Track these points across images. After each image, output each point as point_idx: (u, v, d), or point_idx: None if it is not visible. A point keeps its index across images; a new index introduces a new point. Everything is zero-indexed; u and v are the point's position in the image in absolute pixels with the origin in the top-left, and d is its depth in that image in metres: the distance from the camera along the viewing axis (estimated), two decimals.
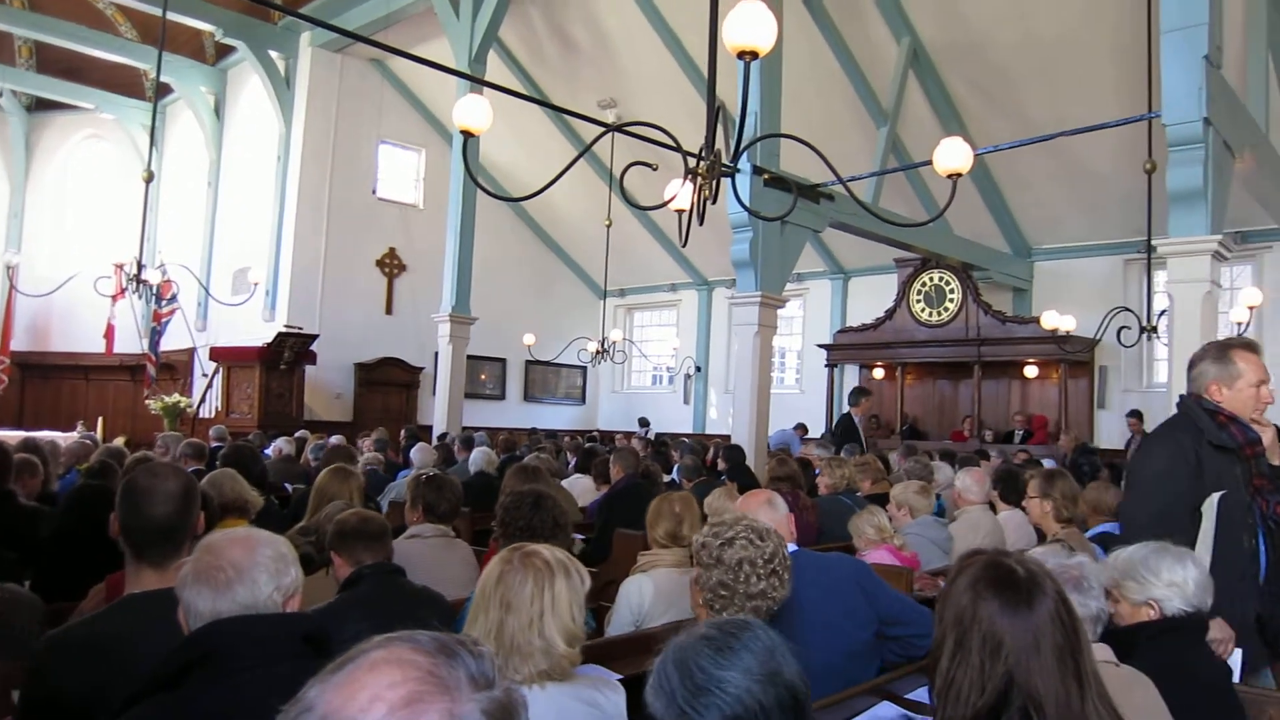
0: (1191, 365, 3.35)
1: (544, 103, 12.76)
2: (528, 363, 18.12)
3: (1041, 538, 4.66)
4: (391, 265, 16.70)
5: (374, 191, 16.56)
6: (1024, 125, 11.79)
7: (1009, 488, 5.42)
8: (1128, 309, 9.37)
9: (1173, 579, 2.42)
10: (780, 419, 13.26)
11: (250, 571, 1.88)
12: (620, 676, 2.47)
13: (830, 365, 15.40)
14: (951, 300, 13.89)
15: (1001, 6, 11.07)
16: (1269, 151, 8.59)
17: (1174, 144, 6.49)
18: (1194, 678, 2.20)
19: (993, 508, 5.47)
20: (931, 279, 14.12)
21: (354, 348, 15.86)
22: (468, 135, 4.36)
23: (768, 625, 1.58)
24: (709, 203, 4.22)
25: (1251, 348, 3.21)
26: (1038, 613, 1.62)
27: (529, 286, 18.64)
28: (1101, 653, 2.15)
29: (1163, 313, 7.33)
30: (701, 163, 4.15)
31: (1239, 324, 9.49)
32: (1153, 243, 7.00)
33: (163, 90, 16.16)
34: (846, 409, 12.93)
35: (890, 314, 14.59)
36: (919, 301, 14.26)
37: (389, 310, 16.62)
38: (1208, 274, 6.37)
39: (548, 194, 4.75)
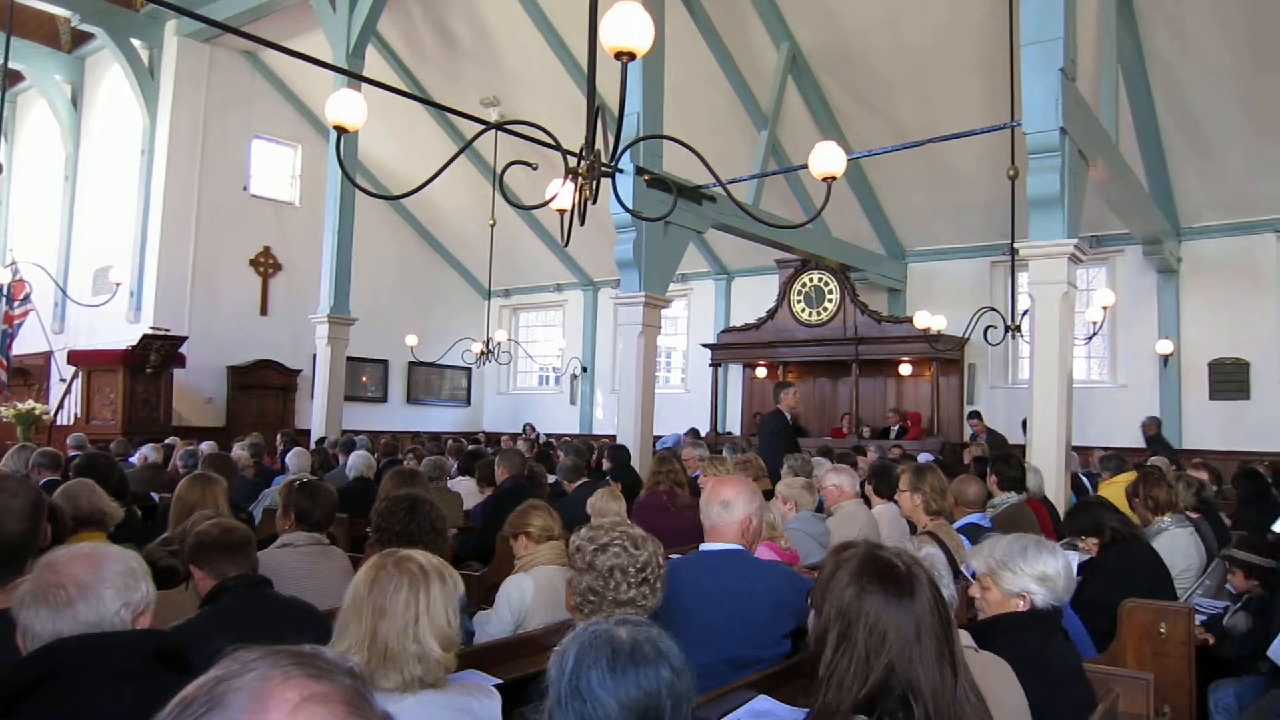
0: None
1: (425, 100, 12.52)
2: (411, 364, 17.75)
3: (914, 530, 4.82)
4: (266, 264, 16.09)
5: (246, 188, 15.92)
6: (897, 131, 12.22)
7: (882, 482, 5.59)
8: (994, 309, 9.81)
9: (1046, 573, 2.52)
10: (666, 419, 13.36)
11: (95, 588, 1.76)
12: (499, 681, 2.43)
13: (714, 365, 15.61)
14: (830, 300, 14.28)
15: (875, 15, 11.44)
16: (1119, 160, 9.14)
17: (1033, 152, 6.83)
18: (1048, 666, 2.30)
19: (868, 502, 5.63)
20: (811, 280, 14.49)
21: (227, 350, 15.21)
22: (342, 131, 4.21)
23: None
24: (590, 203, 4.20)
25: None
26: (918, 603, 1.67)
27: (411, 287, 18.26)
28: (963, 639, 2.23)
29: (1025, 312, 7.69)
30: (582, 162, 4.13)
31: (1094, 323, 10.05)
32: (1015, 246, 7.35)
33: (13, 78, 15.12)
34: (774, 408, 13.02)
35: (772, 314, 14.90)
36: (799, 302, 14.60)
37: (264, 311, 16.01)
38: (1065, 276, 6.73)
39: (430, 193, 4.65)
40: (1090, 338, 10.67)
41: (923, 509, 4.48)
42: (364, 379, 17.61)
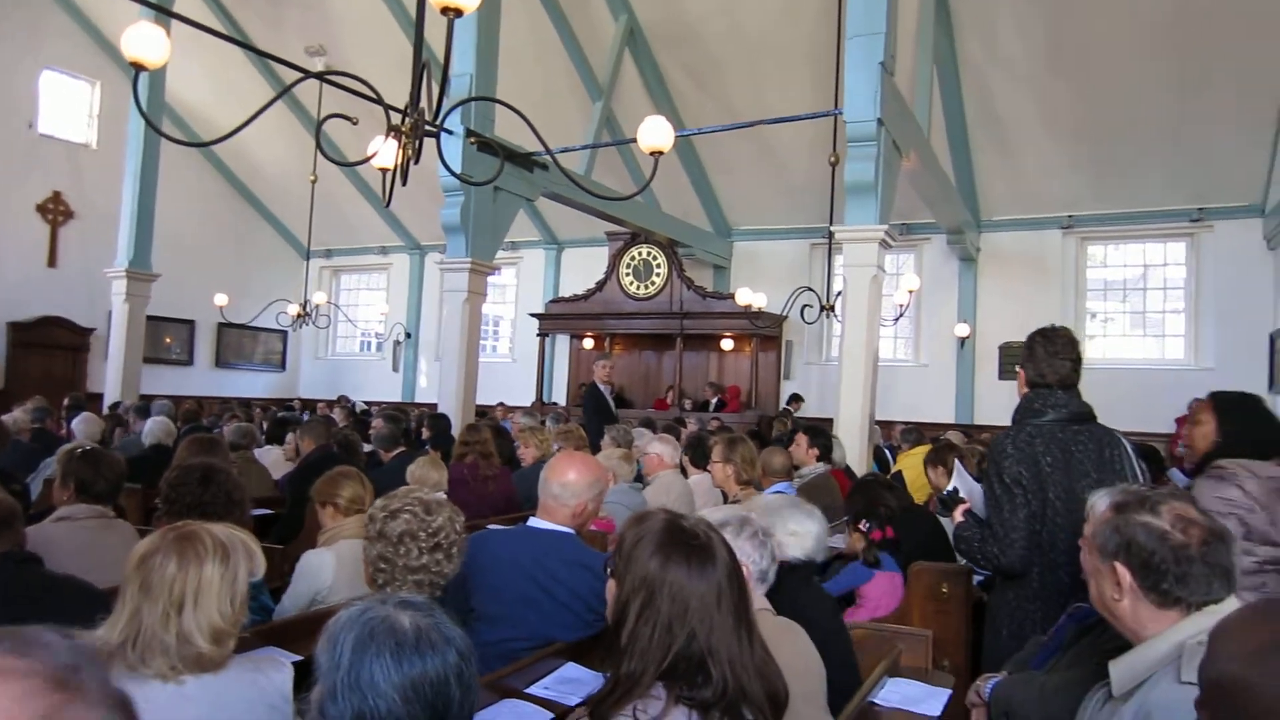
0: None
1: (242, 43, 11.73)
2: (220, 325, 16.71)
3: (726, 499, 4.98)
4: (56, 211, 14.72)
5: (33, 126, 14.47)
6: (729, 112, 12.48)
7: (698, 453, 5.74)
8: (811, 289, 10.24)
9: (796, 530, 2.67)
10: (491, 388, 13.23)
11: None
12: (298, 658, 2.33)
13: (542, 335, 15.55)
14: (658, 275, 14.48)
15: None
16: (929, 153, 9.69)
17: (852, 140, 7.14)
18: (802, 613, 2.43)
19: (685, 472, 5.77)
20: (640, 253, 14.64)
21: (7, 304, 13.86)
22: (140, 69, 3.87)
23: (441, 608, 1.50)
24: (412, 162, 4.06)
25: None
26: (718, 571, 1.71)
27: (222, 242, 17.19)
28: (759, 601, 2.32)
29: (839, 294, 8.06)
30: (406, 120, 3.98)
31: (900, 306, 10.66)
32: (832, 229, 7.68)
33: None
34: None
35: (601, 286, 14.97)
36: (628, 275, 14.74)
37: (52, 263, 14.66)
38: (875, 260, 7.08)
39: (246, 144, 4.37)
40: (897, 319, 11.32)
41: (734, 479, 4.63)
42: (168, 340, 16.49)
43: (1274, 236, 11.49)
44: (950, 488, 3.15)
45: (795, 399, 13.79)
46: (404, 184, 4.18)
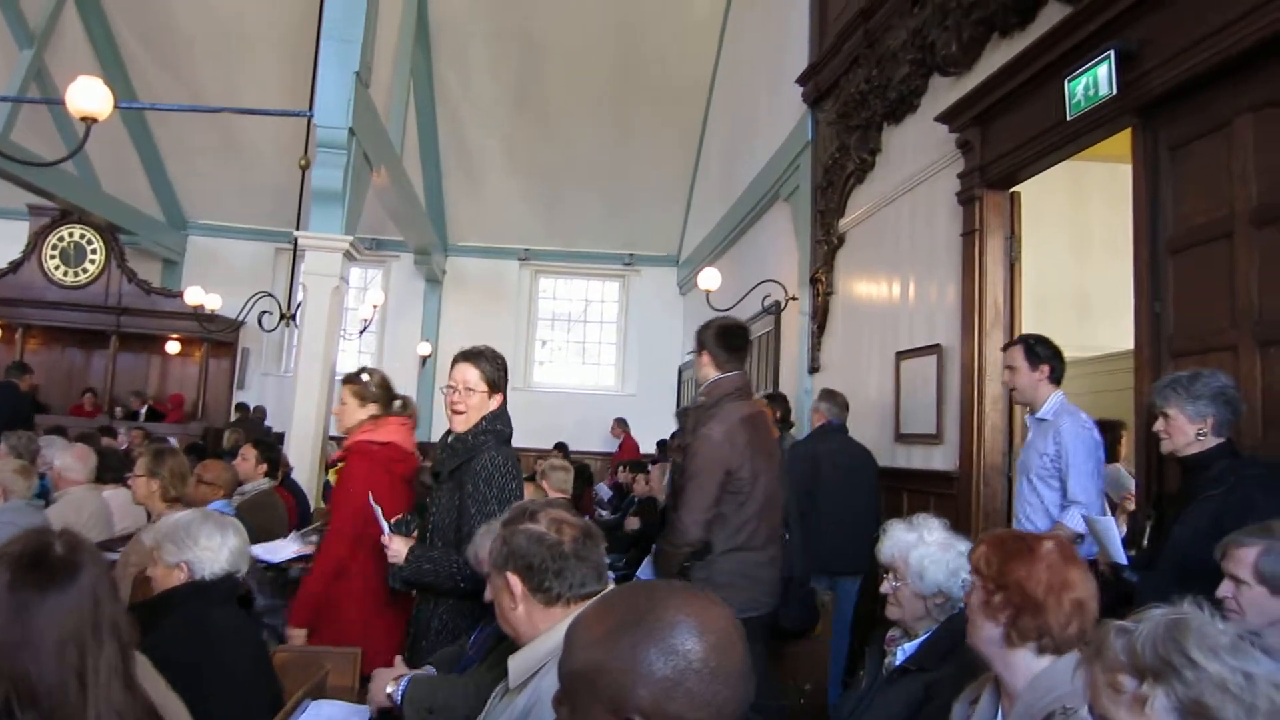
0: None
1: None
2: None
3: (150, 517, 4.47)
4: None
5: None
6: (194, 93, 11.43)
7: (111, 467, 5.12)
8: (272, 295, 9.72)
9: (210, 544, 2.50)
10: None
11: None
12: None
13: None
14: (93, 261, 12.63)
15: None
16: (402, 173, 9.83)
17: (323, 146, 6.95)
18: (206, 633, 2.28)
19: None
20: (72, 234, 12.64)
21: None
22: None
23: None
24: None
25: None
26: (81, 588, 1.49)
27: None
28: None
29: (300, 303, 7.75)
30: None
31: (365, 320, 10.61)
32: (296, 234, 7.37)
33: None
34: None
35: (16, 267, 12.62)
36: (54, 257, 12.64)
37: None
38: (338, 270, 6.94)
39: None
40: (362, 332, 11.25)
41: (160, 495, 4.17)
42: None
43: (685, 284, 13.63)
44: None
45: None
46: None
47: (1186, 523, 2.52)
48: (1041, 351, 3.72)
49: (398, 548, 2.91)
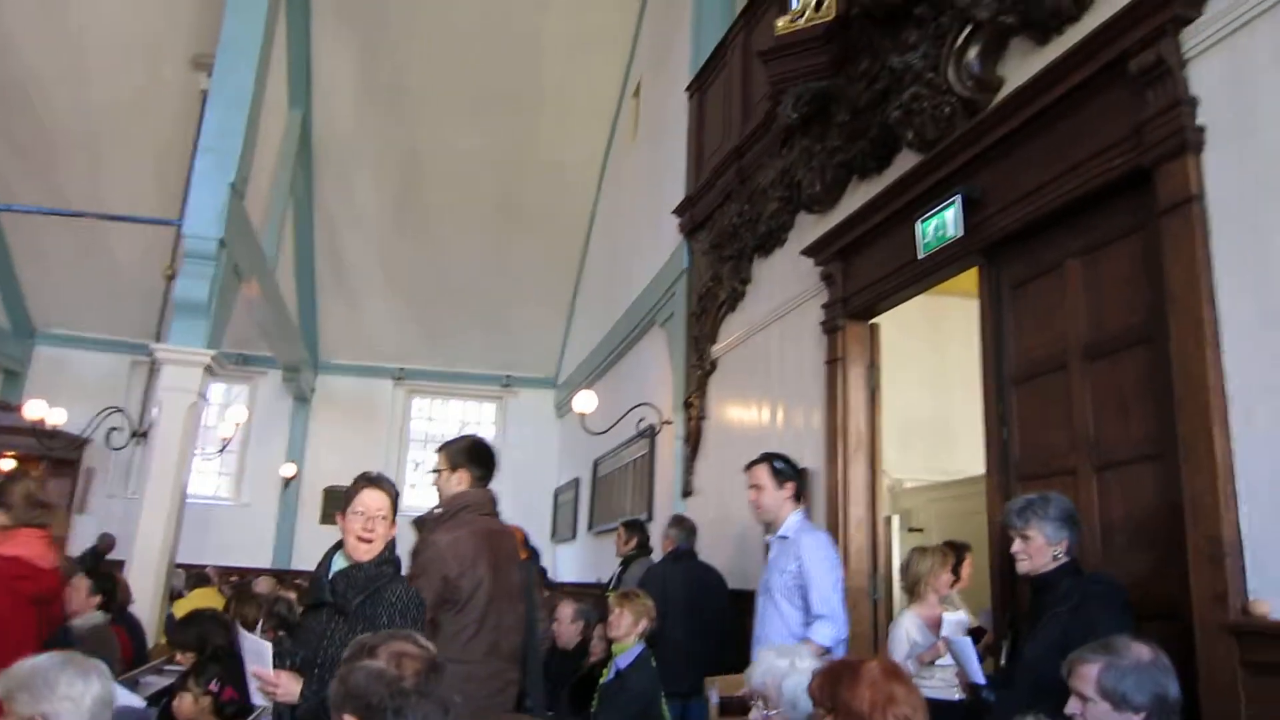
0: None
1: None
2: None
3: None
4: None
5: None
6: (55, 194, 10.98)
7: None
8: (121, 410, 9.20)
9: (70, 693, 2.26)
10: None
11: None
12: None
13: None
14: None
15: (63, 57, 10.27)
16: (273, 286, 9.62)
17: (191, 256, 6.75)
18: None
19: None
20: None
21: None
22: None
23: None
24: None
25: None
26: None
27: None
28: None
29: (154, 419, 7.36)
30: None
31: (224, 439, 10.14)
32: (153, 347, 7.05)
33: None
34: None
35: None
36: None
37: None
38: (197, 386, 6.63)
39: None
40: (222, 451, 10.72)
41: None
42: None
43: (562, 405, 13.60)
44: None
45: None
46: None
47: (1037, 640, 2.59)
48: (785, 470, 3.89)
49: (290, 687, 2.62)
